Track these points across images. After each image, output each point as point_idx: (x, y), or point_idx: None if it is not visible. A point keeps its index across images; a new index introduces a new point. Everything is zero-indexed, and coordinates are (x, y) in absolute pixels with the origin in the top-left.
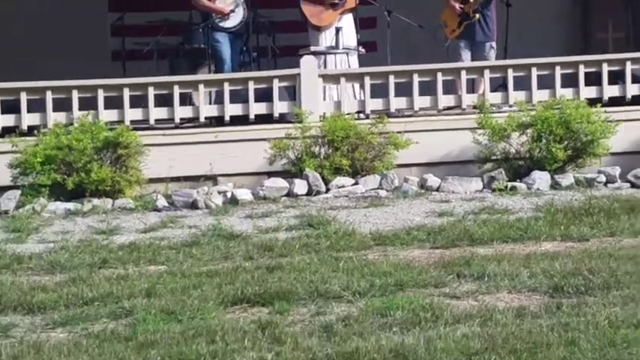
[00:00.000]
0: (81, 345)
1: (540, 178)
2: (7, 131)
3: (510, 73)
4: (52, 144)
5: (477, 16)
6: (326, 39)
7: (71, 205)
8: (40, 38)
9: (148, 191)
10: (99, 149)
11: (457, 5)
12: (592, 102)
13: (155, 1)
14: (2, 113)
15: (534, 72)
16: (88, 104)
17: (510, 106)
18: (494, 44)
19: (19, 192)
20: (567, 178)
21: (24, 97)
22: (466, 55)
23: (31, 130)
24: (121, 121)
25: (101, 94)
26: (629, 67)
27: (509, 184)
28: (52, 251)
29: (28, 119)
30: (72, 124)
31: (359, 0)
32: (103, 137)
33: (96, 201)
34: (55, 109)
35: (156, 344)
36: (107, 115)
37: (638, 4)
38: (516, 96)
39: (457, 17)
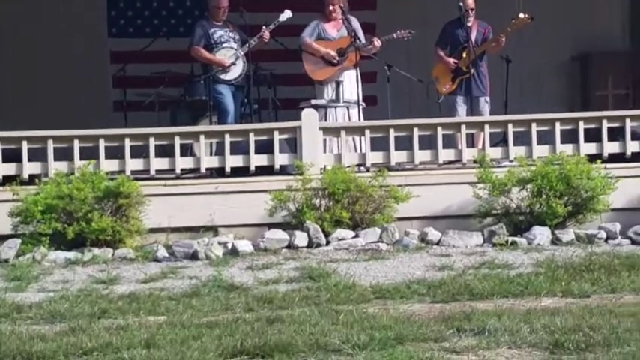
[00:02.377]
0: None
1: (541, 234)
2: (8, 180)
3: (510, 129)
4: (53, 193)
5: (470, 71)
6: (329, 92)
7: (71, 255)
8: (43, 88)
9: (148, 241)
10: (100, 199)
11: (452, 60)
12: (592, 158)
13: (157, 53)
14: (3, 162)
15: (534, 128)
16: (89, 154)
17: (510, 161)
18: (488, 98)
19: (19, 241)
20: (568, 234)
21: (25, 146)
22: (462, 110)
23: (33, 179)
24: (122, 172)
25: (102, 144)
26: (628, 124)
27: (510, 239)
28: (52, 300)
29: (30, 168)
30: (73, 173)
31: (360, 55)
32: (104, 187)
33: (96, 250)
34: (56, 159)
35: None
36: (108, 165)
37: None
38: (516, 151)
39: (451, 73)
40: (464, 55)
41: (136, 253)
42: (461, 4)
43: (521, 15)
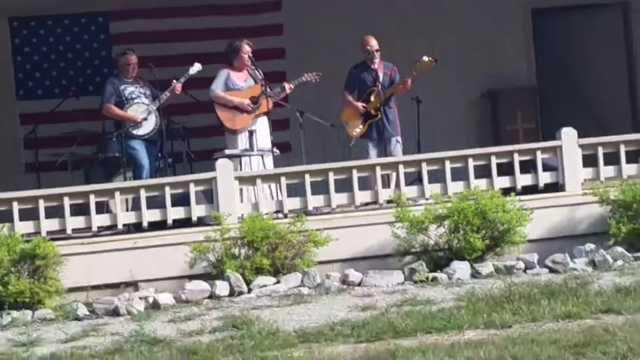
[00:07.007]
0: None
1: (460, 268)
2: None
3: (425, 167)
4: None
5: (379, 114)
6: (242, 142)
7: None
8: None
9: (68, 301)
10: (16, 261)
11: (360, 105)
12: (506, 191)
13: (67, 113)
14: None
15: (448, 165)
16: (3, 217)
17: (427, 199)
18: (399, 138)
19: None
20: (487, 267)
21: None
22: (373, 152)
23: None
24: (37, 233)
25: (16, 207)
26: (539, 156)
27: (430, 275)
28: None
29: None
30: None
31: (272, 102)
32: (19, 249)
33: (15, 313)
34: None
35: None
36: (23, 227)
37: (546, 96)
38: (432, 189)
39: (360, 116)
40: (372, 98)
41: (56, 313)
42: (368, 47)
43: (425, 58)
